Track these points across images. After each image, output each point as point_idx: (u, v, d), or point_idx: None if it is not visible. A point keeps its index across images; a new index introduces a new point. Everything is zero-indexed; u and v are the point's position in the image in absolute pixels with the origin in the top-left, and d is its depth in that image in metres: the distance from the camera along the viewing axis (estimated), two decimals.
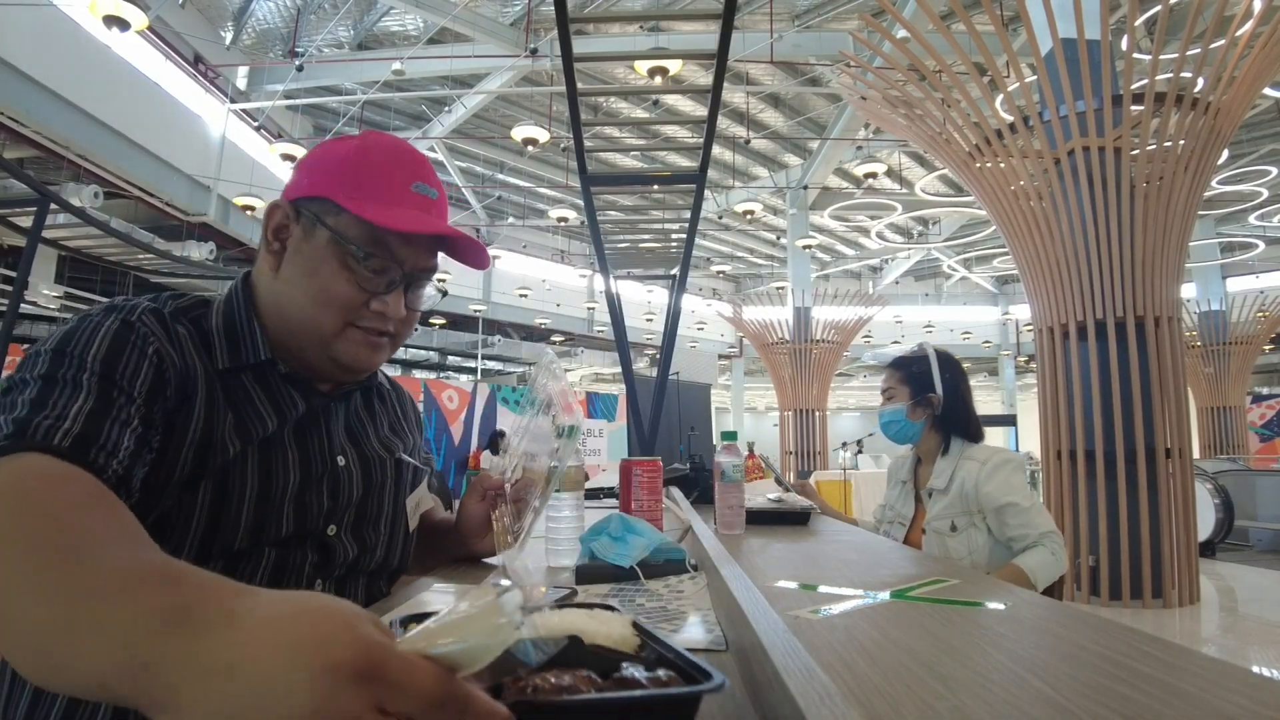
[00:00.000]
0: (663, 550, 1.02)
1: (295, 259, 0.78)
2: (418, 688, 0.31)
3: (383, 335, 0.81)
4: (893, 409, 1.91)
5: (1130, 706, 0.48)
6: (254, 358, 0.77)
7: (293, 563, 0.76)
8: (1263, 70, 4.73)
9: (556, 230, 17.03)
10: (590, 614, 0.58)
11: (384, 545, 0.87)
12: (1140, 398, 4.73)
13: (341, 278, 0.76)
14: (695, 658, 0.46)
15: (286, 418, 0.78)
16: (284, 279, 0.78)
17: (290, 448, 0.78)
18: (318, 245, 0.76)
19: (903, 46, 5.28)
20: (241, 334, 0.78)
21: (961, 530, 1.74)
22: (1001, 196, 5.27)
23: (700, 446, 3.01)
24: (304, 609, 0.34)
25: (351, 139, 0.80)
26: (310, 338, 0.78)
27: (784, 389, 11.16)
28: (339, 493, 0.81)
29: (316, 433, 0.81)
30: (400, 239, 0.77)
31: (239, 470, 0.73)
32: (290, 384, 0.80)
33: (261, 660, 0.32)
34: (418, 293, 0.83)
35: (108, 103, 8.26)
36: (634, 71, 9.43)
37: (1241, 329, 11.65)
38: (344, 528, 0.81)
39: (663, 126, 13.88)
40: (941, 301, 22.22)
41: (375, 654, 0.32)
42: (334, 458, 0.82)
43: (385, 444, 0.91)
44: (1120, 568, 4.66)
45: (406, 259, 0.78)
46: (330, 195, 0.76)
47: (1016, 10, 4.92)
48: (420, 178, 0.80)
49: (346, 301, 0.77)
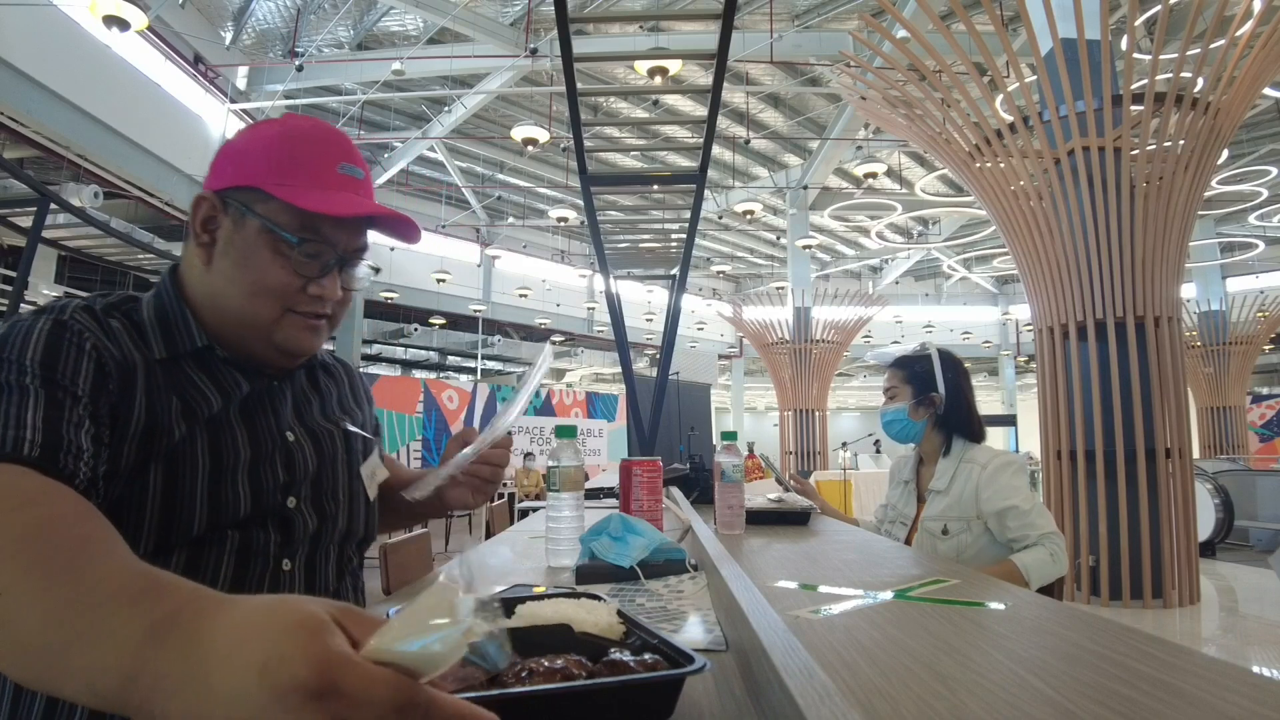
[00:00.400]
0: (663, 550, 1.02)
1: (227, 250, 0.77)
2: (376, 700, 0.32)
3: (320, 318, 0.81)
4: (895, 408, 1.91)
5: (1130, 706, 0.48)
6: (190, 345, 0.77)
7: (257, 544, 0.76)
8: (1263, 70, 4.73)
9: (556, 230, 17.02)
10: (579, 603, 0.60)
11: (345, 514, 0.87)
12: (1140, 398, 4.73)
13: (276, 265, 0.76)
14: (677, 641, 0.47)
15: (231, 397, 0.78)
16: (217, 271, 0.78)
17: (238, 426, 0.78)
18: (248, 235, 0.76)
19: (903, 46, 5.28)
20: (175, 324, 0.78)
21: (953, 534, 1.74)
22: (1001, 196, 5.27)
23: (700, 446, 3.01)
24: (271, 623, 0.35)
25: (273, 123, 0.80)
26: (250, 327, 0.78)
27: (784, 389, 11.17)
28: (293, 466, 0.81)
29: (263, 411, 0.82)
30: (332, 222, 0.77)
31: (188, 452, 0.73)
32: (232, 367, 0.80)
33: (229, 677, 0.34)
34: (351, 273, 0.83)
35: (108, 103, 8.26)
36: (634, 71, 9.43)
37: (1241, 329, 11.65)
38: (302, 499, 0.82)
39: (663, 126, 13.89)
40: (941, 301, 22.21)
41: (333, 670, 0.32)
42: (283, 433, 0.82)
43: (332, 418, 0.91)
44: (1120, 568, 4.66)
45: (339, 241, 0.79)
46: (257, 183, 0.76)
47: (1016, 10, 4.92)
48: (346, 158, 0.80)
49: (283, 289, 0.77)
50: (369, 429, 0.98)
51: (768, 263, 20.37)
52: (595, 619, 0.56)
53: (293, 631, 0.34)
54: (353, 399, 0.99)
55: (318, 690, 0.32)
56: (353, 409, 0.97)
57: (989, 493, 1.70)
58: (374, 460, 0.95)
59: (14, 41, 7.18)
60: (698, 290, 20.52)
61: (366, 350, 17.28)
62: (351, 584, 0.91)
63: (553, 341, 19.54)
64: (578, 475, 1.08)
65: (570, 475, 1.07)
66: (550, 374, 22.18)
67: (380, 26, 11.21)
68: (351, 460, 0.91)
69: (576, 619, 0.55)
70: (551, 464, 1.08)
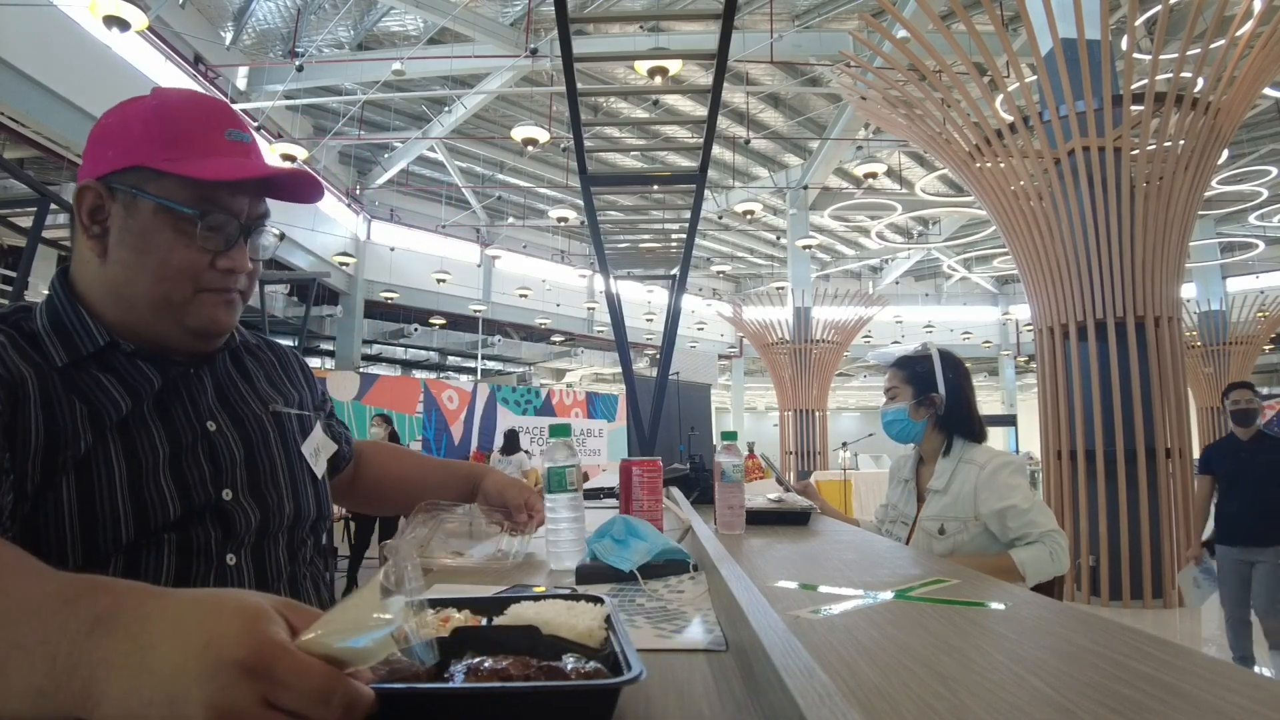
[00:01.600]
0: (666, 553, 1.02)
1: (123, 238, 0.73)
2: (303, 685, 0.34)
3: (233, 292, 0.78)
4: (895, 408, 1.90)
5: (1130, 706, 0.48)
6: (91, 346, 0.73)
7: (197, 543, 0.73)
8: (1263, 70, 4.73)
9: (556, 230, 17.03)
10: (570, 606, 0.59)
11: (290, 499, 0.83)
12: (1140, 398, 4.73)
13: (180, 244, 0.73)
14: (633, 655, 0.46)
15: (141, 394, 0.74)
16: (115, 262, 0.74)
17: (154, 423, 0.74)
18: (144, 217, 0.72)
19: (903, 46, 5.28)
20: (72, 327, 0.74)
21: (949, 535, 1.74)
22: (1001, 196, 5.27)
23: (700, 446, 3.01)
24: (211, 609, 0.37)
25: (143, 100, 0.76)
26: (160, 312, 0.75)
27: (784, 389, 11.17)
28: (218, 456, 0.78)
29: (180, 404, 0.78)
30: (229, 190, 0.74)
31: (100, 458, 0.69)
32: (140, 359, 0.76)
33: (167, 658, 0.36)
34: (258, 243, 0.80)
35: (108, 103, 8.03)
36: (634, 71, 9.43)
37: (1241, 329, 11.65)
38: (240, 490, 0.78)
39: (663, 126, 13.89)
40: (941, 301, 22.21)
41: (265, 652, 0.34)
42: (204, 424, 0.79)
43: (263, 398, 0.87)
44: (1120, 568, 4.66)
45: (241, 209, 0.75)
46: (143, 162, 0.72)
47: (1016, 10, 4.93)
48: (231, 124, 0.77)
49: (191, 268, 0.73)
50: (310, 405, 0.95)
51: (768, 263, 20.37)
52: (577, 624, 0.55)
53: (235, 615, 0.36)
54: (286, 379, 0.94)
55: (252, 669, 0.34)
56: (287, 389, 0.92)
57: (987, 493, 1.70)
58: (316, 436, 0.91)
59: (14, 41, 7.19)
60: (698, 290, 20.52)
61: (367, 350, 17.28)
62: (308, 570, 0.87)
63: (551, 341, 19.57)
64: (575, 475, 1.07)
65: (566, 476, 1.07)
66: (550, 374, 22.21)
67: (380, 27, 11.21)
68: (287, 441, 0.86)
69: (555, 623, 0.55)
70: (547, 465, 1.07)
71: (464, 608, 0.63)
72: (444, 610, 0.63)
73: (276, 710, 0.35)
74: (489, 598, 0.66)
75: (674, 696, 0.54)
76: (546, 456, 1.08)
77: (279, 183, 0.79)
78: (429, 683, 0.43)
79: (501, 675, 0.43)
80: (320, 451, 0.92)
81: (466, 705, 0.43)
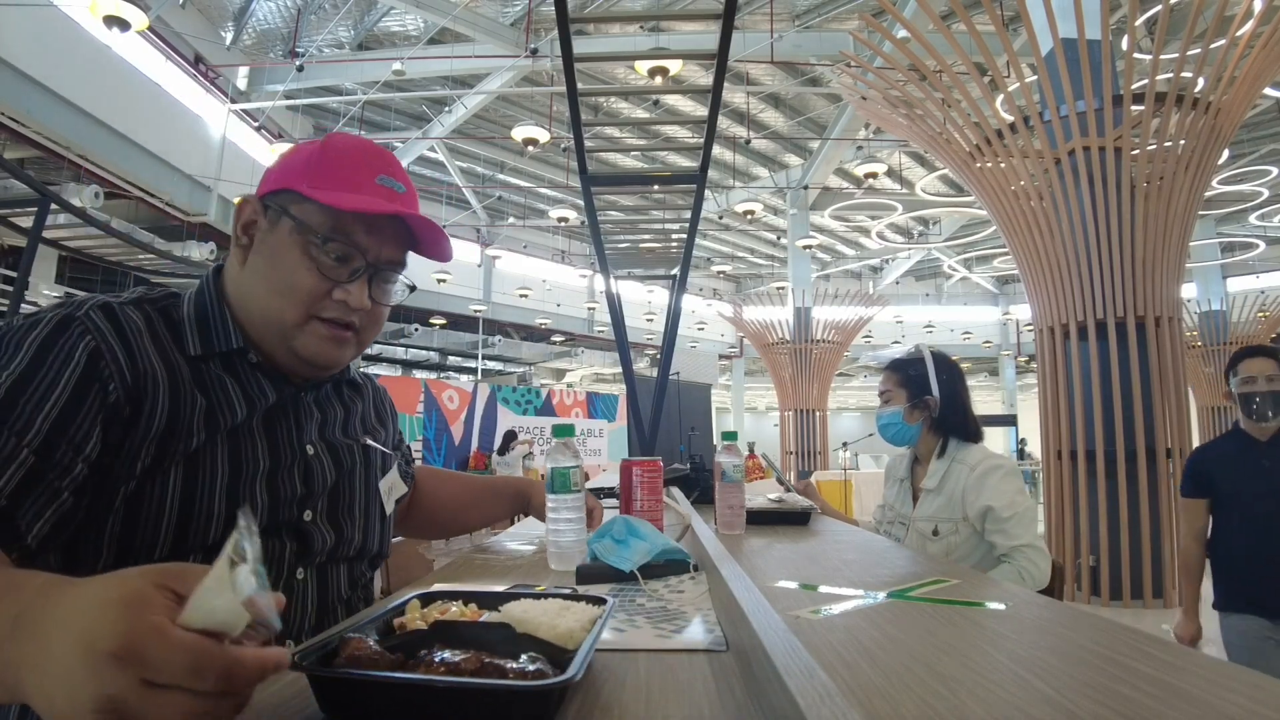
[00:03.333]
0: (666, 553, 1.02)
1: (261, 250, 0.78)
2: (175, 664, 0.36)
3: (347, 329, 0.80)
4: (890, 411, 1.91)
5: (1130, 706, 0.48)
6: (225, 345, 0.77)
7: (271, 553, 0.76)
8: (1263, 70, 4.73)
9: (557, 230, 17.02)
10: (567, 606, 0.60)
11: (360, 530, 0.87)
12: (1140, 398, 4.73)
13: (303, 266, 0.76)
14: (579, 659, 0.48)
15: (256, 406, 0.78)
16: (250, 270, 0.78)
17: (260, 436, 0.78)
18: (281, 235, 0.76)
19: (903, 46, 5.28)
20: (213, 322, 0.78)
21: (943, 536, 1.74)
22: (1002, 196, 5.27)
23: (700, 446, 3.01)
24: (91, 603, 0.39)
25: (321, 139, 0.81)
26: (272, 328, 0.78)
27: (784, 389, 11.16)
28: (311, 479, 0.81)
29: (285, 422, 0.81)
30: (363, 227, 0.77)
31: (208, 458, 0.73)
32: (261, 374, 0.80)
33: (59, 659, 0.38)
34: (384, 287, 0.82)
35: (108, 103, 8.26)
36: (634, 71, 9.43)
37: (1242, 329, 11.64)
38: (319, 514, 0.81)
39: (663, 126, 13.88)
40: (942, 301, 22.21)
41: (135, 640, 0.36)
42: (303, 446, 0.82)
43: (354, 434, 0.91)
44: (1120, 568, 4.66)
45: (370, 248, 0.78)
46: (294, 186, 0.77)
47: (1017, 10, 4.92)
48: (387, 171, 0.81)
49: (308, 290, 0.76)
50: (390, 444, 0.99)
51: (768, 263, 20.36)
52: (558, 624, 0.56)
53: (109, 606, 0.38)
54: (376, 417, 0.99)
55: (124, 658, 0.36)
56: (375, 426, 0.97)
57: (974, 495, 1.71)
58: (392, 476, 0.95)
59: (14, 42, 7.18)
60: (698, 290, 20.52)
61: (367, 350, 17.26)
62: (363, 595, 0.91)
63: (551, 341, 19.57)
64: (577, 476, 1.07)
65: (570, 477, 1.07)
66: (551, 374, 22.20)
67: (381, 27, 11.21)
68: (369, 476, 0.90)
69: (536, 623, 0.56)
70: (550, 465, 1.07)
71: (470, 601, 0.64)
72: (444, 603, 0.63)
73: (159, 688, 0.37)
74: (489, 592, 0.67)
75: (674, 696, 0.54)
76: (549, 457, 1.08)
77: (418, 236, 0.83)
78: (374, 671, 0.46)
79: (451, 669, 0.45)
80: (393, 491, 0.95)
81: (393, 693, 0.45)
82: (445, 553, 1.31)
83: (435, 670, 0.46)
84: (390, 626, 0.59)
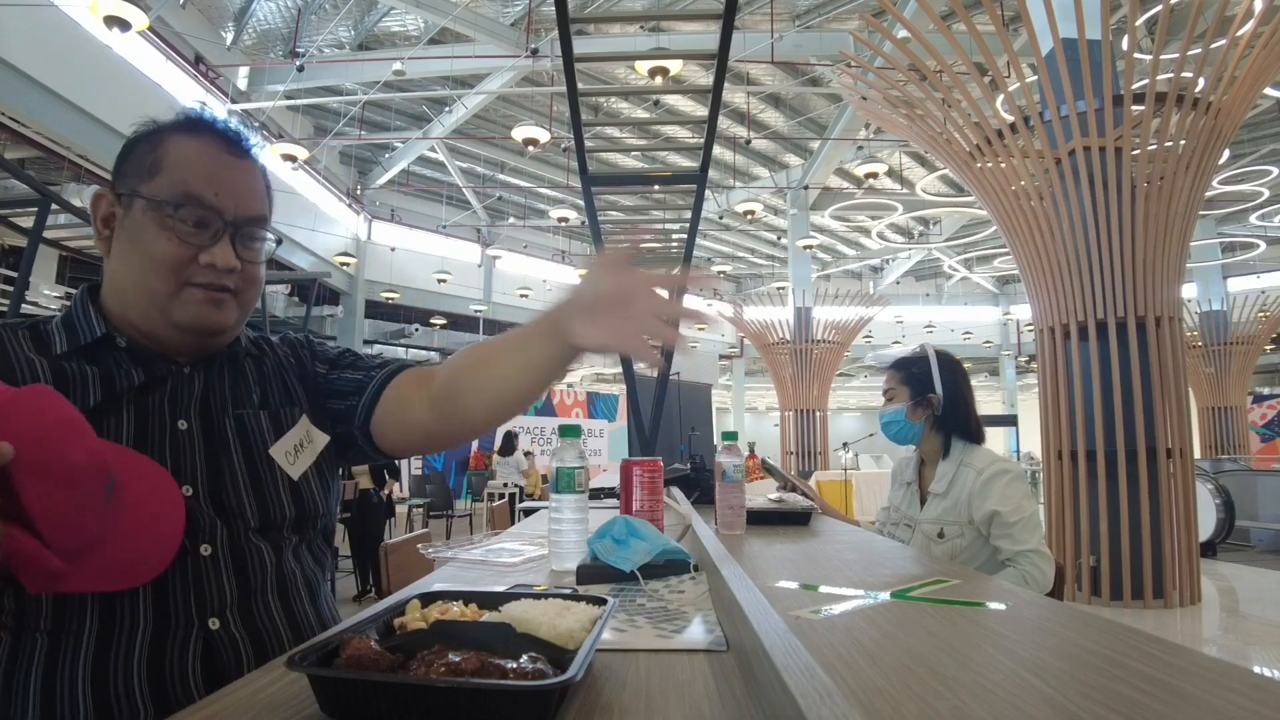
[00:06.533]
0: (666, 553, 1.02)
1: (121, 237, 0.80)
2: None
3: (222, 290, 0.81)
4: (893, 410, 1.91)
5: (1130, 706, 0.48)
6: (90, 336, 0.79)
7: None
8: (1263, 70, 4.72)
9: (557, 230, 17.02)
10: (568, 606, 0.60)
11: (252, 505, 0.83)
12: (1141, 398, 4.73)
13: (162, 238, 0.78)
14: (579, 660, 0.48)
15: (117, 388, 0.78)
16: (117, 258, 0.81)
17: (127, 415, 0.78)
18: (136, 216, 0.79)
19: (903, 46, 5.28)
20: (78, 320, 0.81)
21: (948, 539, 1.75)
22: (1002, 196, 5.27)
23: (701, 446, 3.01)
24: None
25: None
26: (147, 306, 0.80)
27: (785, 389, 11.16)
28: (179, 455, 0.80)
29: (159, 400, 0.81)
30: (212, 189, 0.80)
31: None
32: (130, 357, 0.81)
33: None
34: (251, 245, 0.83)
35: (108, 103, 8.26)
36: (634, 71, 9.43)
37: (1242, 329, 11.64)
38: (200, 490, 0.80)
39: (663, 126, 13.88)
40: (942, 301, 22.19)
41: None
42: (174, 422, 0.81)
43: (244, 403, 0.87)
44: (1121, 568, 4.66)
45: (224, 207, 0.80)
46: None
47: (1017, 10, 4.92)
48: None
49: (173, 261, 0.78)
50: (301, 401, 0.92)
51: (768, 263, 20.36)
52: (559, 625, 0.56)
53: None
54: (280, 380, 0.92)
55: None
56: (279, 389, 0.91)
57: (980, 499, 1.71)
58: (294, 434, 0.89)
59: (14, 42, 7.19)
60: (698, 290, 20.47)
61: (368, 350, 17.28)
62: (297, 567, 0.86)
63: None
64: (581, 476, 1.08)
65: (575, 477, 1.07)
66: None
67: (381, 27, 11.21)
68: (251, 446, 0.86)
69: (537, 623, 0.56)
70: (555, 464, 1.07)
71: (470, 601, 0.64)
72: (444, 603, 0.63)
73: None
74: (489, 592, 0.67)
75: (675, 696, 0.55)
76: (555, 457, 1.08)
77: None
78: (375, 671, 0.47)
79: (451, 669, 0.46)
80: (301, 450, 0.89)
81: (394, 694, 0.46)
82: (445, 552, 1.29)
83: (435, 670, 0.46)
84: (390, 626, 0.59)
